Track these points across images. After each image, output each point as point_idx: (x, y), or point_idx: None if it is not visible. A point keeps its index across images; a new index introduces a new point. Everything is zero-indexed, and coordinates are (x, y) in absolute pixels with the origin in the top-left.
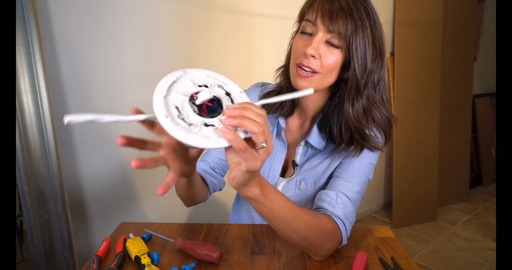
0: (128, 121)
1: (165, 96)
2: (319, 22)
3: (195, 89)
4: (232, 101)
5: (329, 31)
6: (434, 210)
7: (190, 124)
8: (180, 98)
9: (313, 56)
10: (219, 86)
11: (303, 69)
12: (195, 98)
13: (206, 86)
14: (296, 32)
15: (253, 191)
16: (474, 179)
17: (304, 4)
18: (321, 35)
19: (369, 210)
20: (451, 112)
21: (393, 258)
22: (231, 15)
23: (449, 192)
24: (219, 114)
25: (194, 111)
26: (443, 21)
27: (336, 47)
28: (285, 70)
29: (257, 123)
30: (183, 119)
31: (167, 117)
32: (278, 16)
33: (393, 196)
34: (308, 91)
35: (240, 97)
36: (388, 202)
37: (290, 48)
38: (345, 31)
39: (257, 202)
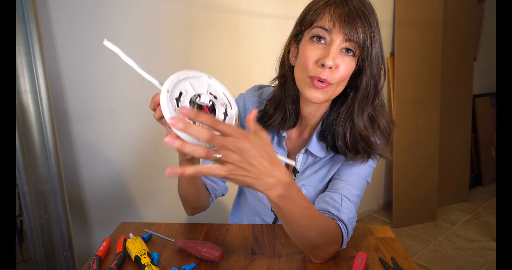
0: (139, 73)
1: (180, 80)
2: (336, 30)
3: (205, 92)
4: (224, 120)
5: (348, 39)
6: (434, 210)
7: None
8: (189, 89)
9: (330, 68)
10: (224, 104)
11: (319, 81)
12: (199, 97)
13: (215, 98)
14: (295, 38)
15: (270, 195)
16: (474, 179)
17: (310, 10)
18: (338, 44)
19: (369, 210)
20: (451, 112)
21: (393, 258)
22: (231, 15)
23: (449, 192)
24: None
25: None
26: (443, 21)
27: (352, 56)
28: (284, 81)
29: (200, 135)
30: (176, 101)
31: (168, 92)
32: (278, 16)
33: (393, 196)
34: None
35: (232, 122)
36: (388, 202)
37: (287, 57)
38: (364, 39)
39: (275, 205)
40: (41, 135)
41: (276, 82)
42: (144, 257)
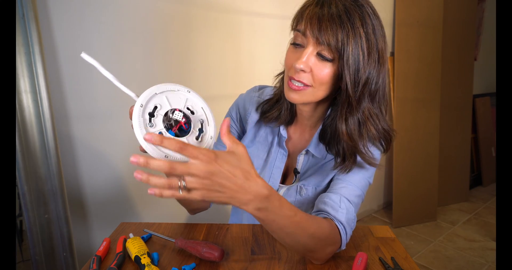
0: (117, 86)
1: (156, 94)
2: (308, 33)
3: (181, 107)
4: (197, 138)
5: (319, 43)
6: (434, 210)
7: (152, 125)
8: (164, 103)
9: (303, 71)
10: (201, 120)
11: (295, 82)
12: (176, 111)
13: (193, 113)
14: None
15: (247, 209)
16: (474, 179)
17: (297, 12)
18: (311, 48)
19: (369, 210)
20: (451, 112)
21: (393, 258)
22: (231, 15)
23: (449, 192)
24: (181, 136)
25: (163, 121)
26: (443, 21)
27: (328, 60)
28: (282, 79)
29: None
30: (150, 115)
31: (141, 106)
32: (278, 16)
33: (393, 196)
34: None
35: (207, 141)
36: (388, 202)
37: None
38: (335, 43)
39: (256, 217)
40: (41, 135)
41: (278, 79)
42: (144, 257)
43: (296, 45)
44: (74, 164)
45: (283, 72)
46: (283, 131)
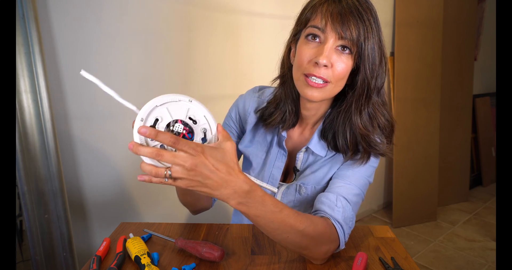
0: (119, 102)
1: (156, 106)
2: (329, 29)
3: (183, 117)
4: None
5: (341, 38)
6: (434, 210)
7: (152, 139)
8: (165, 115)
9: (325, 66)
10: (203, 129)
11: (314, 79)
12: (177, 123)
13: (195, 122)
14: (294, 38)
15: (229, 203)
16: (474, 179)
17: (306, 9)
18: (331, 43)
19: (369, 210)
20: (451, 112)
21: (393, 258)
22: (231, 15)
23: (449, 192)
24: None
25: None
26: (443, 21)
27: (348, 53)
28: (284, 81)
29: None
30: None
31: (141, 121)
32: (278, 16)
33: (393, 196)
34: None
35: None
36: (388, 202)
37: (287, 56)
38: (357, 36)
39: (241, 212)
40: (41, 135)
41: (277, 82)
42: (144, 257)
43: (310, 41)
44: (74, 164)
45: (280, 76)
46: (283, 131)
